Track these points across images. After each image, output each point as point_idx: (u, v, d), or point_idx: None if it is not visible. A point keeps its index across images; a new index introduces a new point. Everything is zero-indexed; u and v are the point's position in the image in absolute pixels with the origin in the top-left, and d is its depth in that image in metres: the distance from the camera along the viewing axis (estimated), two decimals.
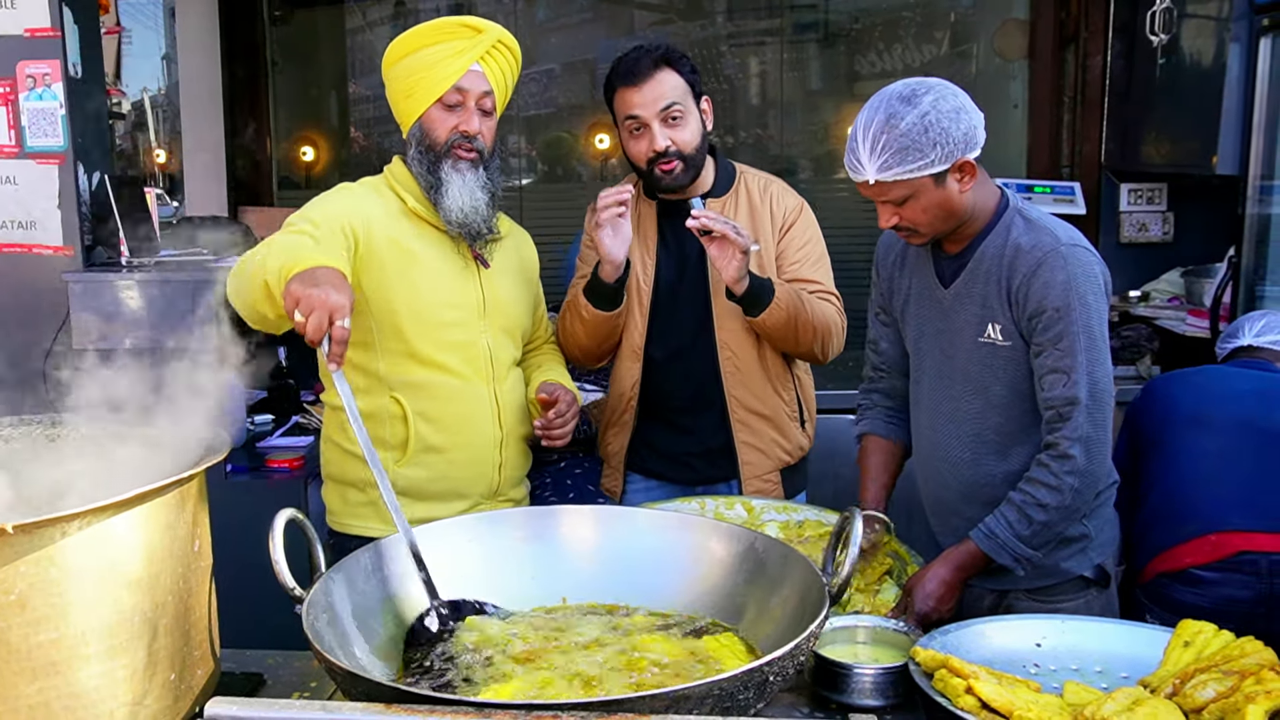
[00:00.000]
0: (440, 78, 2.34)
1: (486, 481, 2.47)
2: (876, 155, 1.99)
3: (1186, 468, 2.50)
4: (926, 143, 1.97)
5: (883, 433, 2.42)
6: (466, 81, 2.35)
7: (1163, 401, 2.64)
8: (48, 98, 3.47)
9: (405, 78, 2.38)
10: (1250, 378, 2.71)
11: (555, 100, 6.40)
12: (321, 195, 2.38)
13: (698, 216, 2.41)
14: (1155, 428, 2.59)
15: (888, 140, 1.97)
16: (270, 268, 1.96)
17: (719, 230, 2.40)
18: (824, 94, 6.26)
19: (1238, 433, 2.52)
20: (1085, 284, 2.03)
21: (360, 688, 1.41)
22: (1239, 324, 3.04)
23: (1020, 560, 2.06)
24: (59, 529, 1.31)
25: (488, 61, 2.37)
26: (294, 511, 1.65)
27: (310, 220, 2.22)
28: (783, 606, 1.73)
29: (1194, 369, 2.86)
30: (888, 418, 2.43)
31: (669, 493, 2.77)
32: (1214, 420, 2.56)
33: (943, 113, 1.98)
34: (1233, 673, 1.60)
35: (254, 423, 3.90)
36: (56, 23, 3.44)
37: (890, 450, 2.41)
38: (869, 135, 1.99)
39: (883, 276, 2.39)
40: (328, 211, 2.28)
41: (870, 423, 2.44)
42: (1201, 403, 2.62)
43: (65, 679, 1.34)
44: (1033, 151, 5.32)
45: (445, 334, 2.40)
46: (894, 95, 2.01)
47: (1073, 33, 4.98)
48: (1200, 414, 2.59)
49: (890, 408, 2.43)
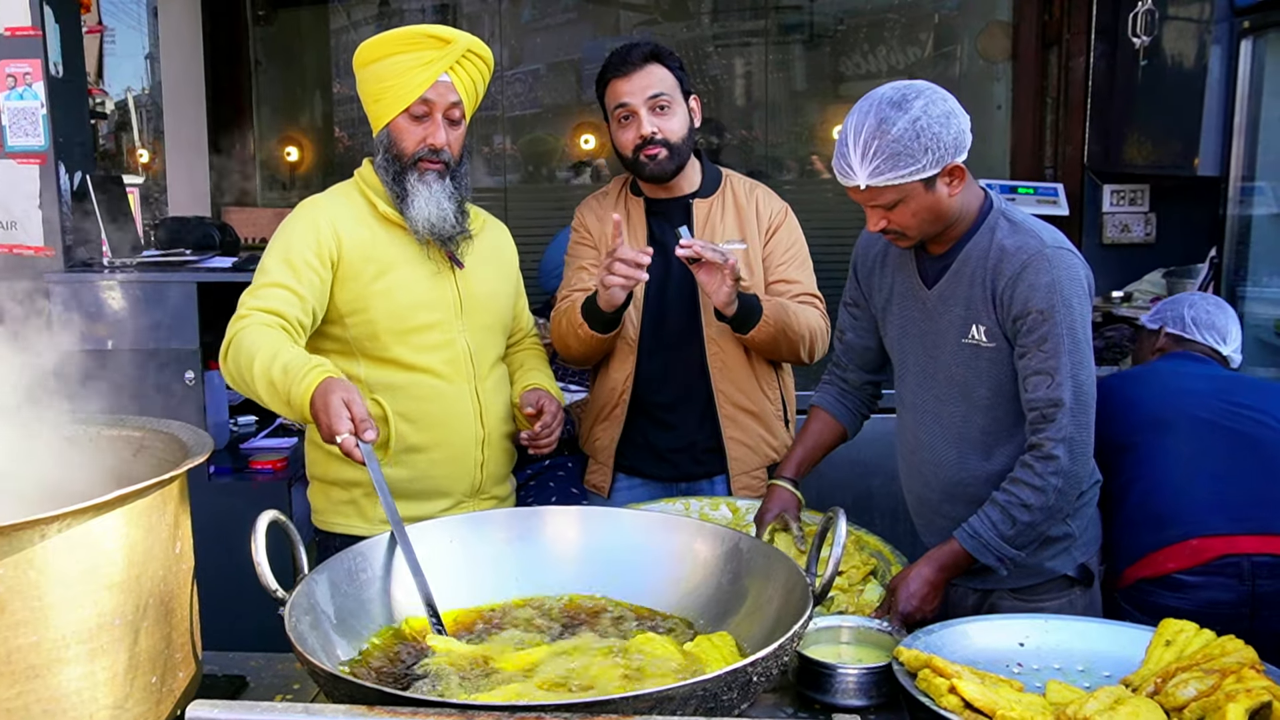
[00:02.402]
0: (407, 88, 2.34)
1: (469, 480, 2.47)
2: (868, 161, 1.98)
3: (1160, 472, 2.50)
4: (918, 148, 1.96)
5: (830, 408, 2.48)
6: (434, 93, 2.35)
7: (1123, 405, 2.62)
8: (29, 97, 3.44)
9: (374, 83, 2.39)
10: (1203, 377, 2.71)
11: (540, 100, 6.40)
12: (287, 227, 2.39)
13: (686, 245, 2.42)
14: (1120, 432, 2.57)
15: (879, 146, 1.97)
16: (265, 389, 2.11)
17: (708, 257, 2.42)
18: (809, 95, 6.27)
19: (1206, 434, 2.52)
20: (1070, 287, 2.04)
21: (343, 690, 1.41)
22: (1198, 316, 2.90)
23: (1004, 560, 2.06)
24: (38, 531, 1.30)
25: (457, 71, 2.37)
26: (276, 513, 1.64)
27: (287, 273, 2.29)
28: (767, 607, 1.73)
29: (1143, 368, 2.86)
30: (840, 396, 2.49)
31: (654, 491, 2.78)
32: (1179, 423, 2.55)
33: (933, 118, 1.97)
34: (1214, 671, 1.61)
35: (237, 424, 3.88)
36: (37, 21, 3.42)
37: (830, 426, 2.47)
38: (860, 141, 1.99)
39: (861, 275, 2.40)
40: (297, 254, 2.32)
41: (822, 395, 2.51)
42: (1164, 405, 2.61)
43: (45, 682, 1.33)
44: (1016, 152, 5.34)
45: (423, 337, 2.40)
46: (884, 100, 1.99)
47: (1055, 34, 5.00)
48: (1164, 417, 2.58)
49: (843, 390, 2.49)
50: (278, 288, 2.28)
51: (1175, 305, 2.94)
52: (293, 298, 2.28)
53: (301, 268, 2.31)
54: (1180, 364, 2.80)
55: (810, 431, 2.48)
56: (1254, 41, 3.53)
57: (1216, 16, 3.65)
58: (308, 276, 2.31)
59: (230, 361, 2.21)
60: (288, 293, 2.28)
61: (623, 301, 2.52)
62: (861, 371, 2.45)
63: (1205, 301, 2.94)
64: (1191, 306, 2.90)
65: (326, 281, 2.35)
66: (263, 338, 2.17)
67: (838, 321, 2.51)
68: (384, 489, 1.88)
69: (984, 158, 5.49)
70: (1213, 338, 2.84)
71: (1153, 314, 3.01)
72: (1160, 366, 2.82)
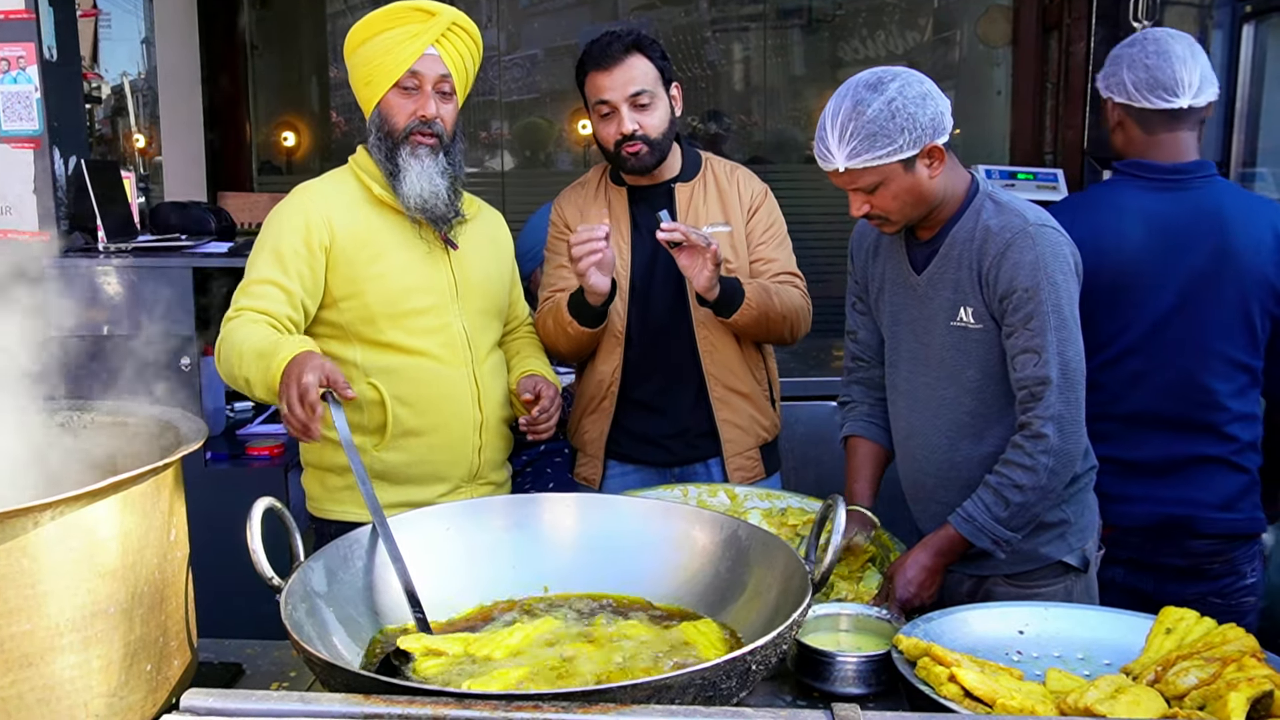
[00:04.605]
0: (396, 62, 2.35)
1: (466, 464, 2.47)
2: (845, 143, 2.00)
3: None
4: (894, 128, 1.98)
5: (867, 434, 2.40)
6: (422, 65, 2.36)
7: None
8: (23, 81, 3.42)
9: (363, 65, 2.40)
10: (1198, 201, 2.36)
11: (538, 85, 6.38)
12: (277, 215, 2.40)
13: (668, 229, 2.42)
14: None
15: (855, 127, 1.99)
16: (255, 374, 2.13)
17: (691, 239, 2.42)
18: (807, 80, 6.26)
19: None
20: (1054, 263, 2.04)
21: (339, 678, 1.40)
22: (1139, 77, 2.43)
23: (999, 543, 2.06)
24: (31, 519, 1.28)
25: (444, 45, 2.38)
26: (272, 500, 1.63)
27: (275, 268, 2.31)
28: (766, 594, 1.73)
29: (1085, 197, 2.52)
30: (869, 417, 2.41)
31: (646, 477, 2.77)
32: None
33: (909, 99, 1.99)
34: (1214, 659, 1.61)
35: (233, 410, 3.87)
36: (31, 5, 3.39)
37: (875, 452, 2.39)
38: (837, 123, 2.01)
39: (857, 266, 2.39)
40: (286, 244, 2.33)
41: (854, 424, 2.43)
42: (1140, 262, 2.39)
43: (39, 671, 1.32)
44: (1016, 138, 5.32)
45: (418, 320, 2.40)
46: (860, 83, 2.02)
47: (1056, 19, 4.98)
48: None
49: (872, 405, 2.42)
50: (266, 284, 2.30)
51: (1115, 64, 2.51)
52: (280, 294, 2.30)
53: (290, 258, 2.32)
54: (1117, 193, 2.48)
55: (858, 464, 2.37)
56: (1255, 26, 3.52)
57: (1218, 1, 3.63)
58: (296, 267, 2.32)
59: (222, 360, 2.24)
60: (275, 289, 2.30)
61: (609, 291, 2.51)
62: (884, 367, 2.40)
63: (1145, 48, 2.45)
64: (1130, 67, 2.45)
65: (318, 269, 2.35)
66: (251, 330, 2.20)
67: (848, 324, 2.46)
68: (355, 455, 1.88)
69: (984, 143, 5.48)
70: (1161, 98, 2.42)
71: (1102, 76, 2.56)
72: (1118, 188, 2.49)
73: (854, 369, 2.46)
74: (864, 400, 2.43)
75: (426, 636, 1.68)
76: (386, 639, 1.73)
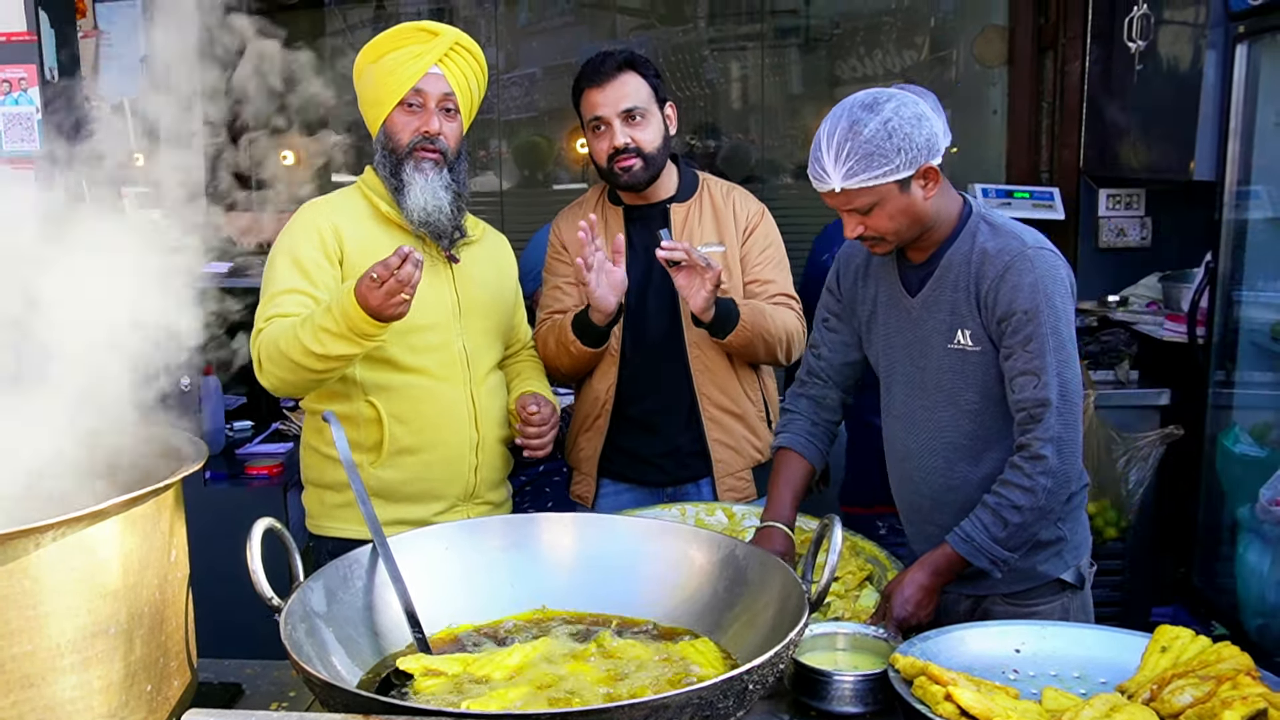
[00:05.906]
0: (400, 81, 2.39)
1: (462, 483, 2.47)
2: (841, 163, 2.00)
3: None
4: (890, 149, 1.99)
5: (802, 450, 2.37)
6: (425, 84, 2.40)
7: None
8: (24, 102, 3.44)
9: (370, 86, 2.44)
10: None
11: (536, 104, 6.40)
12: (289, 231, 2.43)
13: (669, 247, 2.43)
14: None
15: (852, 147, 1.99)
16: (329, 328, 2.14)
17: (693, 258, 2.42)
18: (805, 98, 6.28)
19: None
20: (1052, 286, 2.05)
21: (338, 698, 1.41)
22: None
23: (997, 563, 2.06)
24: (33, 540, 1.29)
25: (447, 64, 2.42)
26: (272, 520, 1.64)
27: (297, 277, 2.33)
28: (762, 613, 1.73)
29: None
30: (809, 434, 2.38)
31: (639, 497, 2.78)
32: None
33: (904, 119, 2.00)
34: (1210, 678, 1.61)
35: (233, 429, 3.88)
36: (32, 26, 3.41)
37: (804, 469, 2.36)
38: (833, 144, 2.01)
39: (844, 288, 2.38)
40: (305, 255, 2.36)
41: (791, 436, 2.39)
42: None
43: (40, 692, 1.33)
44: (1012, 157, 5.34)
45: (420, 337, 2.41)
46: (855, 104, 2.03)
47: (1051, 39, 5.00)
48: None
49: (814, 423, 2.39)
50: (292, 294, 2.31)
51: None
52: (306, 300, 2.31)
53: (311, 268, 2.35)
54: None
55: (788, 476, 2.35)
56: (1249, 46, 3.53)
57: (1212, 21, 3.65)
58: (320, 276, 2.35)
59: (266, 366, 2.25)
60: (300, 296, 2.31)
61: (615, 310, 2.52)
62: (839, 390, 2.40)
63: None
64: None
65: (338, 278, 2.37)
66: (289, 320, 2.23)
67: (811, 338, 2.45)
68: (355, 475, 1.88)
69: (980, 162, 5.49)
70: None
71: None
72: None
73: (807, 383, 2.43)
74: (807, 415, 2.40)
75: (425, 656, 1.68)
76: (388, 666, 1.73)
